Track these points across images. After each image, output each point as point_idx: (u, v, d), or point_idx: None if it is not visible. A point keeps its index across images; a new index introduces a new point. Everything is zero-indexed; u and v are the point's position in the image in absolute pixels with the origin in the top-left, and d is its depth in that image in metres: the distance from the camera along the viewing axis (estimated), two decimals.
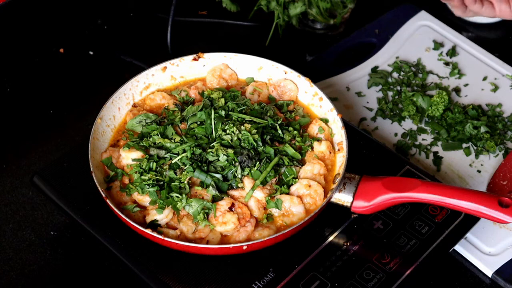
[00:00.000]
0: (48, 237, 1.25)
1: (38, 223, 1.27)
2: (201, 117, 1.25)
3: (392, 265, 1.17)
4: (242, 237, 1.15)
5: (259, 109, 1.29)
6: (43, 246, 1.24)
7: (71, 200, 1.26)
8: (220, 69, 1.38)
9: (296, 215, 1.18)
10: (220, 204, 1.17)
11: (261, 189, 1.18)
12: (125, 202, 1.19)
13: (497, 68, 1.51)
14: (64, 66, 1.55)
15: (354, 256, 1.18)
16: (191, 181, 1.19)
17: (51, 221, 1.27)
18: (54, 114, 1.46)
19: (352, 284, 1.14)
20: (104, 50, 1.58)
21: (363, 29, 1.60)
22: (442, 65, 1.52)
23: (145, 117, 1.29)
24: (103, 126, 1.28)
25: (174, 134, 1.24)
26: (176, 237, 1.15)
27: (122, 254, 1.19)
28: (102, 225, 1.22)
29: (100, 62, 1.56)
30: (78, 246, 1.24)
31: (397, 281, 1.15)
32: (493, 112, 1.42)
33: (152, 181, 1.18)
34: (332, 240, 1.20)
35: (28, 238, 1.25)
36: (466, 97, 1.47)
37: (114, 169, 1.23)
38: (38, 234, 1.26)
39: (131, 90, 1.34)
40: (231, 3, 1.57)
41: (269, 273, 1.16)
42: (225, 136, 1.22)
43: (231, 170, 1.19)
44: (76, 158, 1.29)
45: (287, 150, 1.24)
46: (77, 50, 1.57)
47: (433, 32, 1.58)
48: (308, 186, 1.20)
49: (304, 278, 1.15)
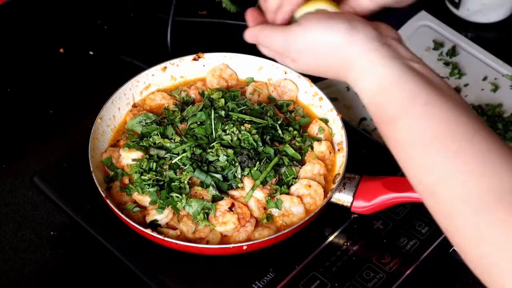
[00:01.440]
0: (48, 237, 1.25)
1: (38, 223, 1.27)
2: (201, 117, 1.25)
3: (392, 265, 1.17)
4: (242, 237, 1.15)
5: (259, 109, 1.29)
6: (43, 246, 1.24)
7: (71, 200, 1.26)
8: (220, 69, 1.38)
9: (296, 215, 1.18)
10: (220, 204, 1.17)
11: (261, 189, 1.18)
12: (125, 202, 1.19)
13: (497, 68, 1.51)
14: (64, 66, 1.54)
15: (354, 256, 1.18)
16: (191, 181, 1.19)
17: (51, 221, 1.27)
18: (54, 114, 1.46)
19: (352, 284, 1.14)
20: (104, 50, 1.57)
21: None
22: (442, 65, 1.52)
23: (145, 117, 1.29)
24: (103, 126, 1.28)
25: (174, 134, 1.24)
26: (176, 237, 1.15)
27: (122, 254, 1.19)
28: (102, 225, 1.22)
29: (100, 62, 1.56)
30: (78, 246, 1.24)
31: (397, 281, 1.15)
32: (493, 112, 1.42)
33: (152, 181, 1.18)
34: (332, 240, 1.20)
35: (28, 238, 1.25)
36: (466, 97, 1.47)
37: (114, 169, 1.23)
38: (38, 234, 1.26)
39: (131, 90, 1.34)
40: (231, 3, 1.57)
41: (269, 273, 1.15)
42: (225, 136, 1.22)
43: (231, 170, 1.19)
44: (76, 158, 1.29)
45: (287, 150, 1.24)
46: (77, 50, 1.57)
47: (433, 32, 1.58)
48: (308, 186, 1.20)
49: (304, 278, 1.15)
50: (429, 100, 0.82)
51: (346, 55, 0.89)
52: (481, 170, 0.77)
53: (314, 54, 0.93)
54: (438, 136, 0.80)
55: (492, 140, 0.79)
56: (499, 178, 0.76)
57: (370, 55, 0.87)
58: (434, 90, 0.83)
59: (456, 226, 0.78)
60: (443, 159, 0.79)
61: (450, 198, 0.78)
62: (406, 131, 0.82)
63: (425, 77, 0.85)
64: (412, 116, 0.82)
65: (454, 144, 0.79)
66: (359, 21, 0.92)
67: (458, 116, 0.81)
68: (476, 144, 0.79)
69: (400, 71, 0.85)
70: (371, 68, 0.87)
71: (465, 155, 0.78)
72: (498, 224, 0.74)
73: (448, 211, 0.79)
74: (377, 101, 0.86)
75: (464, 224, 0.77)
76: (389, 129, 0.84)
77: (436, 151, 0.80)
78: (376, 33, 0.90)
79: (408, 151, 0.82)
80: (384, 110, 0.85)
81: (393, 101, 0.84)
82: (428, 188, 0.81)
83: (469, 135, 0.79)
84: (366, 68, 0.87)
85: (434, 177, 0.80)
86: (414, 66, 0.86)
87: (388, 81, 0.85)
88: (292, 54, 0.95)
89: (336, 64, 0.91)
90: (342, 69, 0.90)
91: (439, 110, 0.81)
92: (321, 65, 0.93)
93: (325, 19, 0.92)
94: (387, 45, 0.89)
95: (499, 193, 0.75)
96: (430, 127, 0.81)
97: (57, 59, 1.55)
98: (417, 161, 0.82)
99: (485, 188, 0.76)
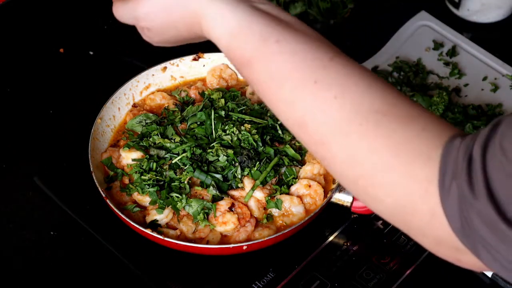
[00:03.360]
0: (48, 237, 1.25)
1: (38, 223, 1.27)
2: (201, 117, 1.25)
3: (392, 265, 1.17)
4: (242, 237, 1.15)
5: (259, 109, 1.29)
6: (43, 246, 1.24)
7: (71, 200, 1.26)
8: (220, 69, 1.38)
9: (296, 215, 1.18)
10: (220, 204, 1.17)
11: (261, 189, 1.18)
12: (125, 202, 1.19)
13: (497, 68, 1.51)
14: (64, 66, 1.54)
15: (354, 256, 1.18)
16: (191, 181, 1.19)
17: (51, 221, 1.27)
18: (54, 114, 1.45)
19: (352, 284, 1.15)
20: (104, 50, 1.57)
21: (362, 29, 1.60)
22: (442, 65, 1.52)
23: (145, 117, 1.29)
24: (103, 126, 1.28)
25: (174, 134, 1.24)
26: (176, 237, 1.15)
27: (122, 254, 1.19)
28: (102, 225, 1.22)
29: (100, 62, 1.56)
30: (78, 246, 1.24)
31: (397, 281, 1.15)
32: (493, 112, 1.42)
33: (152, 181, 1.18)
34: (332, 240, 1.20)
35: (28, 238, 1.25)
36: (466, 97, 1.47)
37: (114, 169, 1.23)
38: (38, 234, 1.26)
39: (131, 90, 1.34)
40: None
41: (269, 273, 1.16)
42: (225, 136, 1.22)
43: (231, 170, 1.19)
44: (76, 158, 1.29)
45: (287, 151, 1.24)
46: (77, 50, 1.57)
47: (433, 32, 1.58)
48: (308, 186, 1.20)
49: (304, 278, 1.15)
50: (280, 37, 0.83)
51: (196, 8, 0.89)
52: (342, 94, 0.79)
53: (165, 16, 0.92)
54: (295, 69, 0.82)
55: (349, 65, 0.82)
56: (361, 99, 0.79)
57: (216, 3, 0.87)
58: (284, 27, 0.84)
59: (332, 153, 0.80)
60: (304, 91, 0.81)
61: (319, 127, 0.80)
62: (264, 71, 0.83)
63: (273, 16, 0.86)
64: (266, 55, 0.83)
65: (312, 75, 0.81)
66: None
67: (313, 48, 0.83)
68: (333, 72, 0.81)
69: (247, 14, 0.85)
70: (219, 15, 0.87)
71: (324, 83, 0.80)
72: (365, 142, 0.77)
73: (320, 140, 0.81)
74: (232, 47, 0.86)
75: (339, 149, 0.79)
76: (248, 71, 0.86)
77: (296, 85, 0.81)
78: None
79: (271, 90, 0.84)
80: (240, 54, 0.86)
81: (246, 44, 0.85)
82: (296, 122, 0.82)
83: (325, 63, 0.81)
84: (215, 16, 0.87)
85: (300, 111, 0.81)
86: (261, 7, 0.87)
87: (237, 25, 0.85)
88: (144, 21, 0.94)
89: (189, 20, 0.90)
90: (198, 24, 0.90)
91: (292, 45, 0.83)
92: (176, 26, 0.92)
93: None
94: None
95: (363, 114, 0.78)
96: (286, 63, 0.82)
97: (57, 59, 1.55)
98: (281, 98, 0.83)
99: (348, 110, 0.78)
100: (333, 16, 1.59)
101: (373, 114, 0.78)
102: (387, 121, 0.78)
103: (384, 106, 0.79)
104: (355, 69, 0.82)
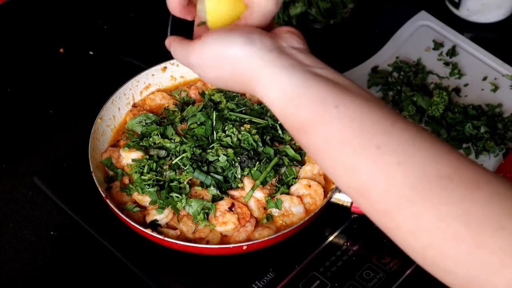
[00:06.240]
0: (48, 237, 1.25)
1: (38, 223, 1.27)
2: (200, 117, 1.25)
3: (392, 265, 1.17)
4: (242, 237, 1.15)
5: (259, 109, 1.29)
6: (43, 246, 1.24)
7: (71, 200, 1.26)
8: None
9: (296, 215, 1.18)
10: (220, 204, 1.17)
11: (261, 189, 1.18)
12: (125, 202, 1.19)
13: (497, 68, 1.51)
14: (64, 66, 1.54)
15: (354, 256, 1.18)
16: (191, 181, 1.19)
17: (51, 221, 1.27)
18: (54, 114, 1.45)
19: (352, 284, 1.15)
20: (104, 50, 1.57)
21: (362, 29, 1.60)
22: (442, 65, 1.52)
23: (145, 117, 1.29)
24: (103, 126, 1.28)
25: (174, 134, 1.24)
26: (176, 237, 1.15)
27: (122, 254, 1.19)
28: (102, 225, 1.22)
29: (100, 62, 1.56)
30: (78, 246, 1.24)
31: (397, 281, 1.15)
32: (493, 112, 1.42)
33: (152, 181, 1.18)
34: (332, 240, 1.20)
35: (28, 238, 1.25)
36: (466, 97, 1.47)
37: (114, 169, 1.23)
38: (38, 234, 1.26)
39: (131, 90, 1.34)
40: None
41: (269, 273, 1.16)
42: (225, 138, 1.22)
43: (231, 171, 1.19)
44: (76, 158, 1.29)
45: (287, 151, 1.24)
46: (77, 50, 1.57)
47: (433, 32, 1.58)
48: (308, 186, 1.20)
49: (304, 278, 1.15)
50: (339, 102, 0.81)
51: (247, 69, 0.87)
52: (406, 160, 0.76)
53: (216, 70, 0.91)
54: (356, 134, 0.79)
55: (411, 129, 0.79)
56: (425, 164, 0.76)
57: (270, 67, 0.85)
58: (342, 91, 0.82)
59: (396, 223, 0.77)
60: (365, 156, 0.78)
61: (382, 195, 0.77)
62: (323, 137, 0.81)
63: (330, 81, 0.84)
64: (325, 120, 0.81)
65: (373, 140, 0.78)
66: (257, 33, 0.89)
67: (373, 113, 0.80)
68: (396, 137, 0.78)
69: (303, 79, 0.83)
70: (274, 79, 0.85)
71: (386, 149, 0.77)
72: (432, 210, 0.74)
73: (383, 209, 0.77)
74: (287, 111, 0.84)
75: (403, 218, 0.76)
76: (305, 137, 0.83)
77: (357, 150, 0.79)
78: (273, 44, 0.88)
79: (330, 157, 0.81)
80: (296, 119, 0.84)
81: (303, 109, 0.83)
82: (357, 189, 0.79)
83: (386, 128, 0.79)
84: (269, 80, 0.85)
85: (361, 177, 0.78)
86: (318, 72, 0.85)
87: (292, 91, 0.83)
88: (195, 69, 0.93)
89: (241, 78, 0.89)
90: (249, 83, 0.88)
91: (351, 110, 0.80)
92: (227, 80, 0.91)
93: (224, 34, 0.89)
94: (285, 54, 0.87)
95: (429, 179, 0.75)
96: (346, 128, 0.80)
97: (57, 59, 1.55)
98: (341, 165, 0.80)
99: (413, 177, 0.75)
100: (333, 16, 1.59)
101: (439, 180, 0.74)
102: (454, 187, 0.74)
103: (450, 171, 0.75)
104: (417, 134, 0.78)
